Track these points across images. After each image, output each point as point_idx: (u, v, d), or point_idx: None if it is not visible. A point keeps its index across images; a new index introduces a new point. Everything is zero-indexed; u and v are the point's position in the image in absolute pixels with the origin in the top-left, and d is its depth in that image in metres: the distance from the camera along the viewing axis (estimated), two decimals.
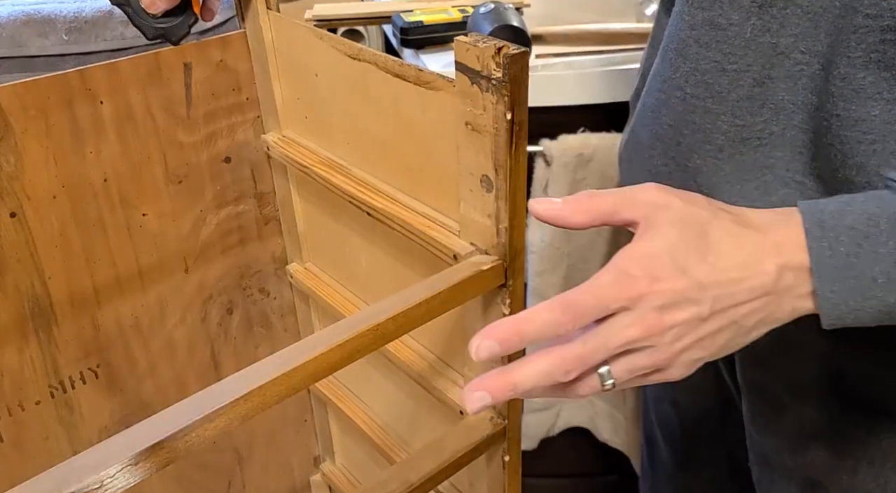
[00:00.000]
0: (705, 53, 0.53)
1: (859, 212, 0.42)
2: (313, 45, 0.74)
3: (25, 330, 0.79)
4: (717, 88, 0.53)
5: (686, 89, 0.55)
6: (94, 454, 0.44)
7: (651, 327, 0.43)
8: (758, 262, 0.43)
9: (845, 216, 0.42)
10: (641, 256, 0.44)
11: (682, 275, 0.43)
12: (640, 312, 0.43)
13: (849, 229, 0.42)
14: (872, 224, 0.42)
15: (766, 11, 0.50)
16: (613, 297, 0.43)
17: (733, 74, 0.52)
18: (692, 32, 0.54)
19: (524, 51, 0.52)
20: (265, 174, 0.90)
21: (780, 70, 0.50)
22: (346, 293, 0.88)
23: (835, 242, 0.42)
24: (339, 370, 0.53)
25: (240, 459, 1.04)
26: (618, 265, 0.44)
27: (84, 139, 0.76)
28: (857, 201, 0.43)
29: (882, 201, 0.42)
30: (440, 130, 0.62)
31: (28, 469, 0.84)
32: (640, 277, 0.43)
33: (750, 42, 0.51)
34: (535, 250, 1.10)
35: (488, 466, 0.73)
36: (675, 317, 0.43)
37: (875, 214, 0.42)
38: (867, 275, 0.42)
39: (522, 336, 0.45)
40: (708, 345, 0.45)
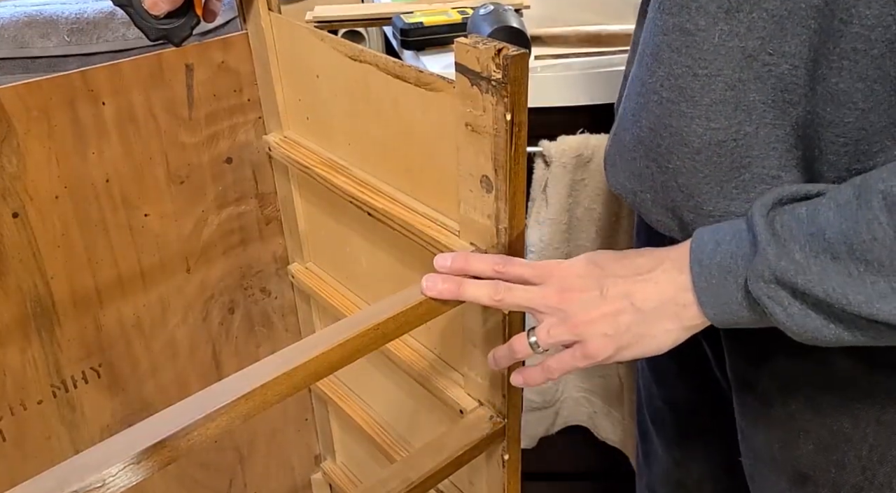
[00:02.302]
0: (677, 58, 0.55)
1: (724, 251, 0.51)
2: (314, 47, 0.74)
3: (28, 330, 0.79)
4: (690, 92, 0.55)
5: (662, 93, 0.57)
6: (96, 453, 0.45)
7: (562, 295, 0.56)
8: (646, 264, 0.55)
9: (716, 254, 0.52)
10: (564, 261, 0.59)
11: (592, 263, 0.57)
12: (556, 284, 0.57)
13: (718, 264, 0.52)
14: (732, 260, 0.51)
15: (733, 17, 0.51)
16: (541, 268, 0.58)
17: (704, 79, 0.54)
18: (664, 37, 0.55)
19: (524, 52, 0.52)
20: (266, 175, 0.90)
21: (749, 72, 0.52)
22: (346, 293, 0.88)
23: (709, 276, 0.52)
24: (339, 370, 0.54)
25: (241, 457, 1.05)
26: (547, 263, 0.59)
27: (86, 140, 0.76)
28: (725, 240, 0.52)
29: (739, 240, 0.51)
30: (440, 130, 0.63)
31: (30, 468, 0.84)
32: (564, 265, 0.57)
33: (718, 47, 0.52)
34: (534, 250, 1.10)
35: (488, 464, 0.73)
36: (580, 292, 0.56)
37: (734, 252, 0.51)
38: (733, 301, 0.51)
39: (468, 261, 0.59)
40: (612, 323, 0.54)
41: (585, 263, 0.57)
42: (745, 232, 0.51)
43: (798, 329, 0.49)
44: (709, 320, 0.53)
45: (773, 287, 0.49)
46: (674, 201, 0.60)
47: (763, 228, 0.49)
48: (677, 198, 0.59)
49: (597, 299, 0.55)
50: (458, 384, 0.73)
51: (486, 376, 0.69)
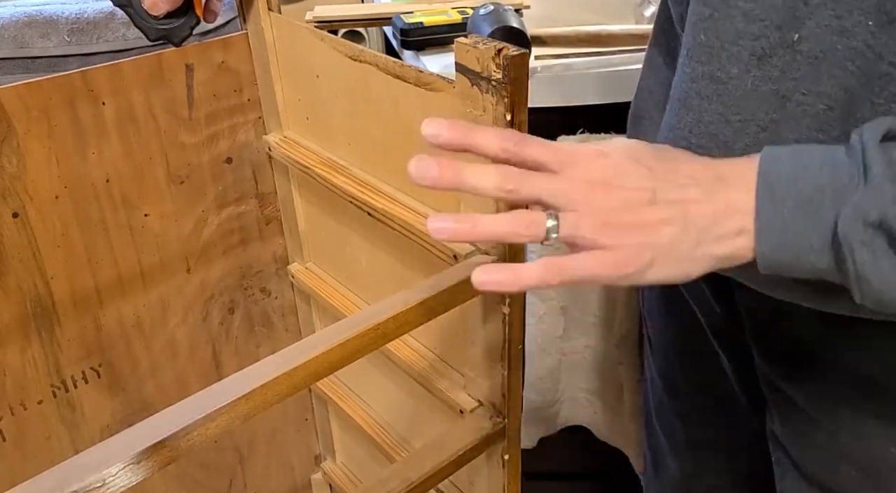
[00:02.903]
0: (707, 106, 0.53)
1: (810, 180, 0.43)
2: (314, 47, 0.74)
3: (28, 330, 0.79)
4: (723, 137, 0.53)
5: (692, 140, 0.55)
6: (96, 453, 0.44)
7: (595, 188, 0.45)
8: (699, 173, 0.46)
9: (797, 182, 0.43)
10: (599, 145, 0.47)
11: (633, 161, 0.46)
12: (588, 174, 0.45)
13: (797, 194, 0.43)
14: (818, 193, 0.43)
15: (766, 62, 0.50)
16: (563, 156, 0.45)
17: (738, 124, 0.52)
18: (693, 85, 0.54)
19: (524, 52, 0.52)
20: (266, 175, 0.90)
21: (782, 113, 0.50)
22: (346, 293, 0.88)
23: (781, 206, 0.43)
24: (339, 370, 0.54)
25: (241, 458, 1.05)
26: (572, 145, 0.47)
27: (86, 140, 0.76)
28: (813, 167, 0.44)
29: (835, 169, 0.43)
30: None
31: (30, 468, 0.84)
32: (592, 151, 0.46)
33: (751, 92, 0.51)
34: (534, 249, 1.10)
35: (488, 464, 0.73)
36: (621, 191, 0.45)
37: (822, 185, 0.43)
38: (804, 242, 0.43)
39: (468, 130, 0.46)
40: (653, 235, 0.44)
41: (626, 156, 0.46)
42: (844, 160, 0.43)
43: (879, 286, 0.42)
44: (757, 258, 0.45)
45: (872, 232, 0.41)
46: None
47: (879, 157, 0.41)
48: None
49: (643, 202, 0.44)
50: (458, 384, 0.73)
51: (486, 376, 0.69)
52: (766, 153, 0.45)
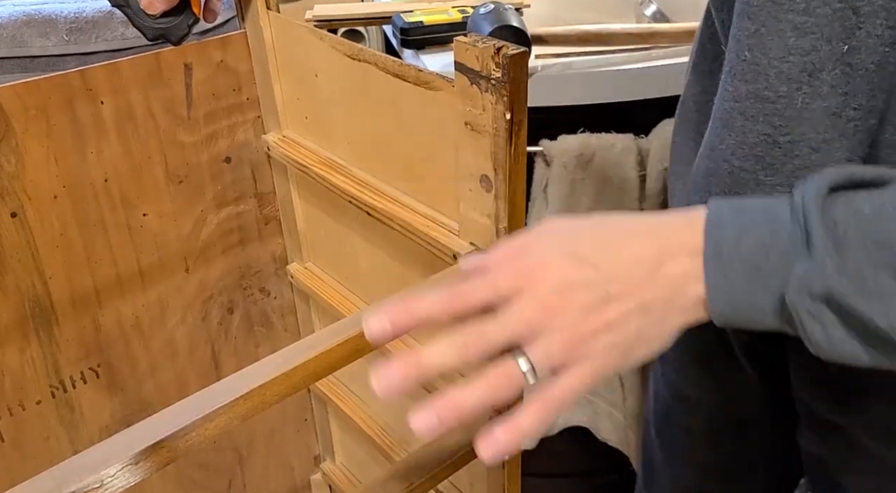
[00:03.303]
0: (753, 126, 0.50)
1: (753, 242, 0.42)
2: (313, 46, 0.74)
3: (26, 330, 0.79)
4: (770, 160, 0.50)
5: (734, 162, 0.52)
6: (95, 454, 0.44)
7: (551, 306, 0.42)
8: (642, 255, 0.44)
9: (741, 245, 0.42)
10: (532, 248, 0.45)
11: (576, 261, 0.43)
12: (536, 295, 0.43)
13: (743, 258, 0.42)
14: (763, 257, 0.41)
15: (816, 77, 0.47)
16: (507, 282, 0.43)
17: (787, 146, 0.49)
18: (736, 105, 0.51)
19: (524, 51, 0.52)
20: (265, 174, 0.90)
21: (833, 132, 0.48)
22: (346, 293, 0.88)
23: (729, 271, 0.42)
24: (339, 370, 0.54)
25: (240, 458, 1.05)
26: (507, 255, 0.45)
27: (85, 139, 0.76)
28: (755, 228, 0.42)
29: (777, 232, 0.41)
30: (440, 130, 0.63)
31: (29, 469, 0.84)
32: (532, 264, 0.43)
33: (802, 111, 0.48)
34: None
35: (488, 465, 0.73)
36: (575, 299, 0.42)
37: (767, 247, 0.41)
38: (755, 306, 0.42)
39: (411, 313, 0.44)
40: (619, 330, 0.43)
41: (565, 256, 0.44)
42: (786, 221, 0.41)
43: (829, 352, 0.41)
44: (713, 319, 0.44)
45: (819, 304, 0.40)
46: None
47: (819, 224, 0.39)
48: None
49: (599, 303, 0.43)
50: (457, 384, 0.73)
51: None
52: (711, 212, 0.43)
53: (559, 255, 0.44)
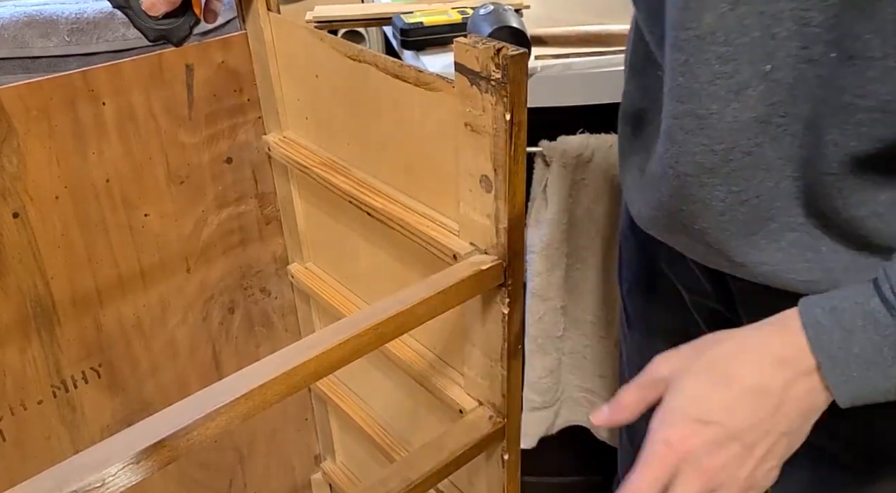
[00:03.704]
0: (692, 139, 0.56)
1: (863, 341, 0.48)
2: (314, 47, 0.74)
3: (28, 330, 0.79)
4: (709, 165, 0.56)
5: (679, 168, 0.58)
6: (96, 453, 0.45)
7: (707, 472, 0.50)
8: (765, 387, 0.50)
9: (852, 348, 0.48)
10: (666, 419, 0.52)
11: (705, 425, 0.51)
12: (691, 467, 0.50)
13: (857, 360, 0.48)
14: (877, 353, 0.48)
15: (743, 94, 0.53)
16: (663, 468, 0.51)
17: (723, 153, 0.55)
18: (676, 121, 0.57)
19: (523, 52, 0.52)
20: (266, 175, 0.90)
21: (764, 136, 0.54)
22: (346, 293, 0.88)
23: (848, 376, 0.49)
24: (339, 369, 0.54)
25: (241, 457, 1.05)
26: (652, 438, 0.52)
27: (86, 140, 0.76)
28: (857, 328, 0.48)
29: (878, 326, 0.48)
30: (440, 130, 0.63)
31: (30, 468, 0.84)
32: (674, 440, 0.51)
33: (732, 123, 0.54)
34: (534, 250, 1.10)
35: (488, 464, 0.73)
36: (721, 457, 0.50)
37: (878, 344, 0.48)
38: (880, 391, 0.49)
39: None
40: (772, 456, 0.51)
41: (695, 423, 0.51)
42: (884, 315, 0.48)
43: None
44: (840, 406, 0.51)
45: None
46: (705, 255, 0.62)
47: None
48: (708, 253, 0.61)
49: (746, 453, 0.51)
50: (457, 384, 0.73)
51: (485, 375, 0.69)
52: (806, 321, 0.50)
53: (689, 420, 0.51)
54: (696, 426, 0.51)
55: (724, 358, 0.52)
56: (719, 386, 0.51)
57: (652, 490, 0.50)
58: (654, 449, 0.52)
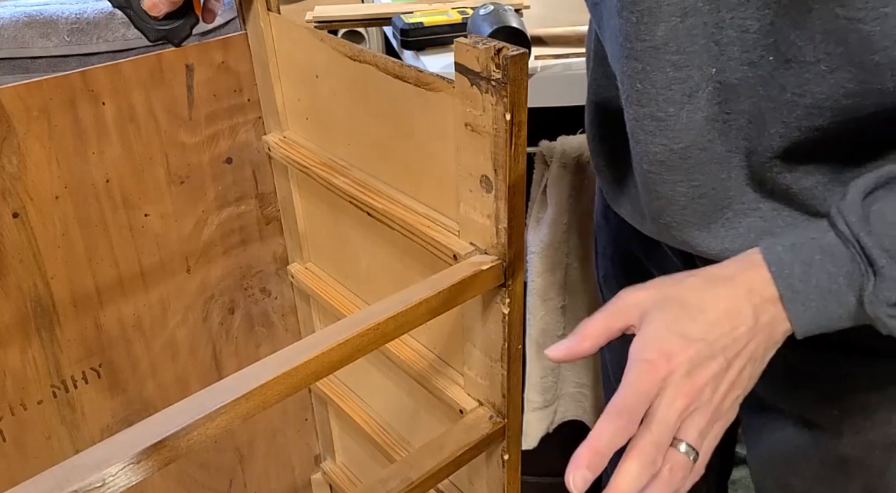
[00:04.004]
0: (652, 139, 0.61)
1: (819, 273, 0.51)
2: (314, 47, 0.74)
3: (28, 330, 0.79)
4: (670, 163, 0.61)
5: (643, 166, 0.63)
6: (96, 453, 0.45)
7: (690, 391, 0.51)
8: (737, 309, 0.52)
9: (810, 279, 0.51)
10: (647, 342, 0.53)
11: (688, 341, 0.52)
12: (674, 385, 0.51)
13: (815, 289, 0.51)
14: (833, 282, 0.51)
15: (695, 96, 0.58)
16: (648, 385, 0.51)
17: (681, 151, 0.60)
18: (637, 123, 0.62)
19: (523, 52, 0.53)
20: (266, 175, 0.90)
21: (713, 132, 0.59)
22: (346, 293, 0.88)
23: (807, 301, 0.52)
24: (339, 370, 0.54)
25: (241, 458, 1.05)
26: (634, 359, 0.52)
27: (86, 140, 0.76)
28: (816, 261, 0.51)
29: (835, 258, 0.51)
30: (440, 130, 0.63)
31: (30, 468, 0.84)
32: (657, 358, 0.51)
33: (687, 123, 0.59)
34: (534, 250, 1.10)
35: (488, 464, 0.73)
36: (703, 375, 0.51)
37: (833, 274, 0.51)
38: (835, 320, 0.52)
39: (600, 452, 0.50)
40: (740, 384, 0.53)
41: (679, 340, 0.52)
42: (841, 249, 0.51)
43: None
44: (798, 337, 0.53)
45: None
46: (671, 242, 0.67)
47: (875, 247, 0.50)
48: (673, 241, 0.66)
49: (723, 372, 0.52)
50: (457, 384, 0.73)
51: (485, 376, 0.69)
52: (768, 256, 0.53)
53: (672, 338, 0.52)
54: (681, 343, 0.51)
55: (695, 290, 0.54)
56: (696, 312, 0.53)
57: (638, 409, 0.50)
58: (638, 369, 0.52)
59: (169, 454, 0.46)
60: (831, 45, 0.50)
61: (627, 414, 0.50)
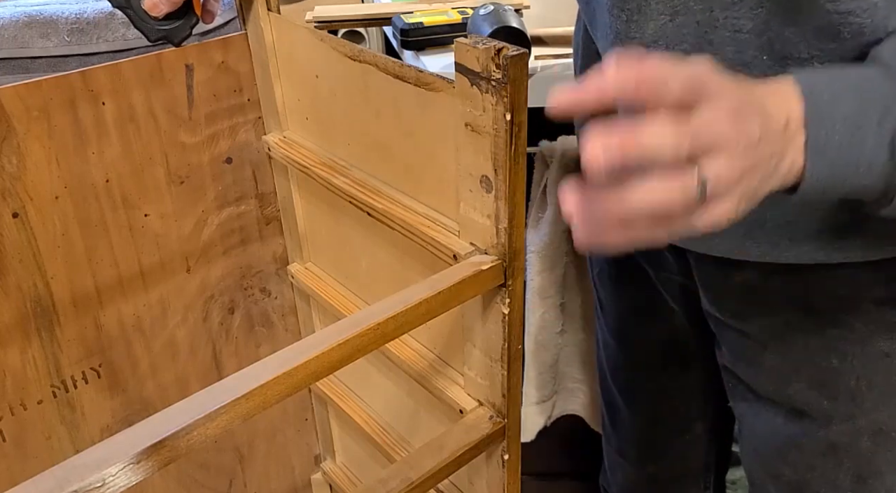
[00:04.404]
0: None
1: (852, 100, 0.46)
2: (314, 47, 0.74)
3: (28, 330, 0.79)
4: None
5: None
6: (96, 453, 0.44)
7: (732, 127, 0.43)
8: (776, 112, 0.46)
9: (840, 105, 0.45)
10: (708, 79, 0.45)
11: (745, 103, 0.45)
12: (722, 108, 0.43)
13: (843, 119, 0.46)
14: (862, 113, 0.46)
15: None
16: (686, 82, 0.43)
17: None
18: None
19: (523, 52, 0.52)
20: (266, 175, 0.90)
21: None
22: (346, 293, 0.88)
23: (831, 131, 0.46)
24: (339, 370, 0.54)
25: (241, 458, 1.05)
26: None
27: (86, 140, 0.76)
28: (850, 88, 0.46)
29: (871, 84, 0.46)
30: (440, 130, 0.63)
31: (30, 468, 0.84)
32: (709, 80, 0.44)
33: None
34: (534, 249, 1.10)
35: (488, 464, 0.73)
36: (746, 128, 0.44)
37: (867, 100, 0.46)
38: (852, 165, 0.46)
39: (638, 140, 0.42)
40: (752, 177, 0.45)
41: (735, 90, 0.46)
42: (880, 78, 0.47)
43: None
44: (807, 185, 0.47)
45: None
46: None
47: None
48: None
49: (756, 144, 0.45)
50: (457, 384, 0.73)
51: (485, 376, 0.69)
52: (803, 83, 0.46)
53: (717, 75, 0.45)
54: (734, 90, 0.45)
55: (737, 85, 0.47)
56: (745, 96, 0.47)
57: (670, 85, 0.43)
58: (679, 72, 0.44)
59: (169, 454, 0.46)
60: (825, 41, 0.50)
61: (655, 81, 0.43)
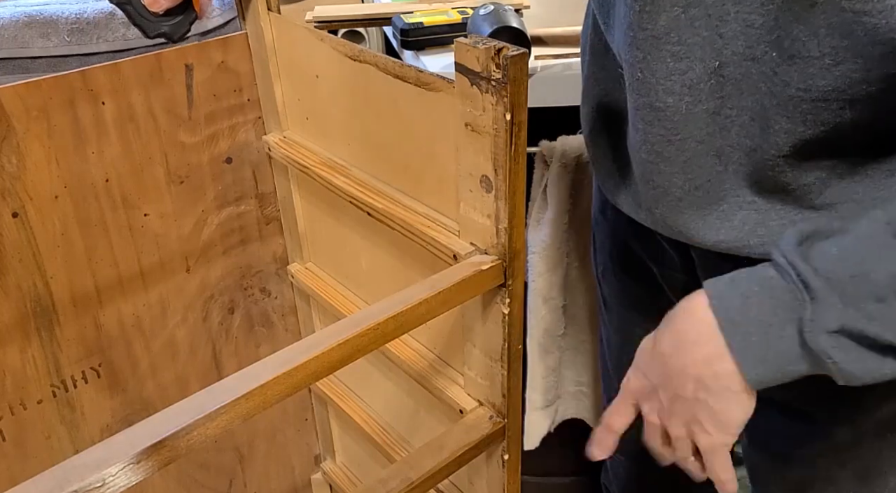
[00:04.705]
0: (650, 129, 0.62)
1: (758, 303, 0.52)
2: (314, 47, 0.74)
3: (27, 329, 0.79)
4: (667, 154, 0.62)
5: (641, 155, 0.64)
6: (96, 453, 0.44)
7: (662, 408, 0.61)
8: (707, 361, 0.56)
9: (749, 311, 0.53)
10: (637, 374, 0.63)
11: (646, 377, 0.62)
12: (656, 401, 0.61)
13: (756, 322, 0.52)
14: (771, 313, 0.52)
15: (696, 88, 0.58)
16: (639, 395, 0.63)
17: (678, 143, 0.61)
18: (637, 112, 0.62)
19: (523, 52, 0.52)
20: (266, 175, 0.90)
21: (714, 126, 0.59)
22: (346, 293, 0.88)
23: (746, 335, 0.53)
24: (339, 370, 0.54)
25: (241, 457, 1.05)
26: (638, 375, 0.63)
27: (86, 140, 0.76)
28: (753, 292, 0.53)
29: (773, 290, 0.52)
30: (440, 130, 0.63)
31: (30, 468, 0.84)
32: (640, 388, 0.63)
33: (686, 115, 0.59)
34: (534, 250, 1.10)
35: (488, 464, 0.73)
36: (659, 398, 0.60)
37: (770, 303, 0.52)
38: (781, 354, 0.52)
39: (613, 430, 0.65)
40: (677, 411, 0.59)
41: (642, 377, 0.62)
42: (777, 279, 0.52)
43: (862, 373, 0.51)
44: (751, 384, 0.54)
45: (837, 337, 0.50)
46: (668, 232, 0.68)
47: (809, 272, 0.50)
48: (669, 232, 0.67)
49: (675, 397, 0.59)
50: (457, 384, 0.73)
51: (485, 376, 0.69)
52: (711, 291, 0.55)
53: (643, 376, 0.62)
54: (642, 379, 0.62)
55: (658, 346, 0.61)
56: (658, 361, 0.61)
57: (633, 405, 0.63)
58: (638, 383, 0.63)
59: (169, 454, 0.46)
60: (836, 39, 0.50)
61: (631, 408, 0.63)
